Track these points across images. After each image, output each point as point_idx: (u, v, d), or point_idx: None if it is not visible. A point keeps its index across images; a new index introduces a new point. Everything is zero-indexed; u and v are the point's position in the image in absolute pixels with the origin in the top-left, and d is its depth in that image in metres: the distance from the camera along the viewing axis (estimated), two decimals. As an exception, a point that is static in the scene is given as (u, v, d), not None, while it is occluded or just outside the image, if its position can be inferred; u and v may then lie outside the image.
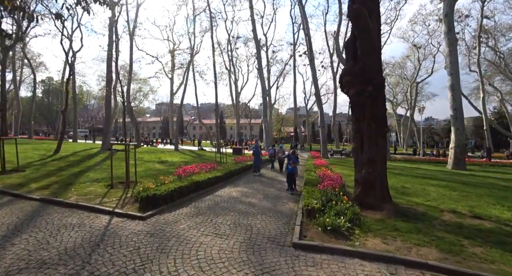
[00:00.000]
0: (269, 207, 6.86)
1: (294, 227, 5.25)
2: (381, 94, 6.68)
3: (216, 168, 11.05)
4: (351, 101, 6.95)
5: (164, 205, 6.31)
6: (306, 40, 28.40)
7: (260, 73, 29.20)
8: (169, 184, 7.19)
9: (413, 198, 8.46)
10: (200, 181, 8.18)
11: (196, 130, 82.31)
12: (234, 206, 6.82)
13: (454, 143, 19.65)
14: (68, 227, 4.94)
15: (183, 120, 77.39)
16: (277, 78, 49.46)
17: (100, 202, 6.51)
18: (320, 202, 6.11)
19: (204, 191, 8.24)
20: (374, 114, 6.63)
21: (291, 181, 8.89)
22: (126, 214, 5.61)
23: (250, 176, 12.46)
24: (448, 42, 19.89)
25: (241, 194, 8.31)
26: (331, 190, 7.27)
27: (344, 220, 5.26)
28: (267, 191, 8.96)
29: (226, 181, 10.27)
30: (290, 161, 8.88)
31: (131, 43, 31.16)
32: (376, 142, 6.81)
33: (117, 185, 8.54)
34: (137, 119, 72.01)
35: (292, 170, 8.88)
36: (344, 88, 6.73)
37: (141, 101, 61.77)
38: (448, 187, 10.70)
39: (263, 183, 10.58)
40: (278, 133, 59.90)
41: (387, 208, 6.76)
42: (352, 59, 6.74)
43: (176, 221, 5.44)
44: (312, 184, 8.24)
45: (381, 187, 7.10)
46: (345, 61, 6.89)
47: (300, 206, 6.77)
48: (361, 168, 7.05)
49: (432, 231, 5.29)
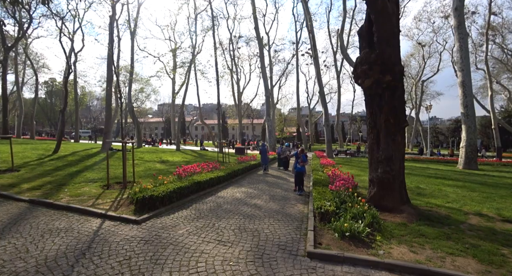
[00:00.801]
0: (277, 209, 6.28)
1: (306, 232, 4.67)
2: (400, 85, 6.07)
3: (218, 168, 10.49)
4: (366, 93, 6.34)
5: (162, 207, 5.75)
6: (309, 37, 27.79)
7: (263, 72, 28.64)
8: (167, 185, 6.63)
9: (431, 199, 7.83)
10: (201, 181, 7.62)
11: (198, 131, 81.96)
12: (238, 208, 6.24)
13: (465, 142, 18.92)
14: (53, 232, 4.39)
15: (185, 120, 77.12)
16: (279, 77, 48.91)
17: (93, 204, 5.96)
18: (333, 204, 5.52)
19: (205, 192, 7.67)
20: (392, 107, 6.03)
21: (299, 181, 8.30)
22: (120, 218, 5.06)
23: (254, 176, 11.89)
24: (459, 37, 19.16)
25: (245, 195, 7.74)
26: (344, 190, 6.68)
27: (364, 225, 4.66)
28: (273, 191, 8.38)
29: (229, 181, 9.71)
30: (298, 160, 8.29)
31: (132, 42, 30.79)
32: (394, 138, 6.21)
33: (113, 186, 8.01)
34: (140, 120, 71.91)
35: (301, 169, 8.29)
36: (359, 78, 6.13)
37: (143, 101, 61.56)
38: (466, 187, 10.04)
39: (268, 183, 10.01)
40: (280, 133, 59.39)
41: (407, 211, 6.16)
42: (368, 46, 6.14)
43: (175, 226, 4.87)
44: (322, 184, 7.65)
45: (400, 188, 6.49)
46: (360, 50, 6.29)
47: (310, 208, 6.19)
48: (377, 167, 6.44)
49: (463, 237, 4.68)
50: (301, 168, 8.28)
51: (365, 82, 6.02)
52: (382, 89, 5.99)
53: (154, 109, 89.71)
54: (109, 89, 23.28)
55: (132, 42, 30.92)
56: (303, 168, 8.36)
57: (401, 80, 6.08)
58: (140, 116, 70.43)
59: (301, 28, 43.38)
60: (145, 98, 61.65)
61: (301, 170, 8.29)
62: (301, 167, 8.28)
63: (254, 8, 28.23)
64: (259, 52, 30.80)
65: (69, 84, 43.00)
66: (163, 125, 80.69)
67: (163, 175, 8.80)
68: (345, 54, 26.81)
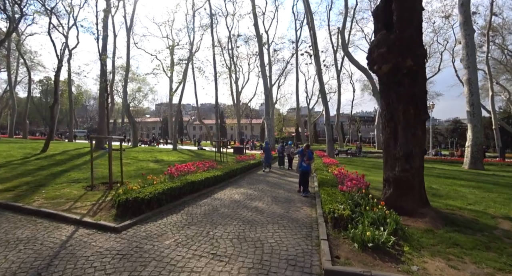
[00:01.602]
0: (281, 213, 5.50)
1: (319, 242, 3.89)
2: (422, 71, 5.33)
3: (215, 167, 9.70)
4: (383, 81, 5.59)
5: (148, 211, 4.96)
6: (310, 34, 27.09)
7: (262, 70, 27.92)
8: (156, 185, 5.84)
9: (449, 201, 7.10)
10: (195, 181, 6.83)
11: (197, 130, 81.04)
12: (237, 212, 5.46)
13: (471, 141, 18.23)
14: (10, 244, 3.60)
15: (183, 120, 76.15)
16: (278, 77, 48.25)
17: (69, 207, 5.16)
18: (347, 208, 4.76)
19: (200, 194, 6.88)
20: (412, 96, 5.28)
21: (304, 181, 7.53)
22: (96, 224, 4.27)
23: (254, 175, 11.11)
24: (465, 33, 18.52)
25: (245, 196, 6.95)
26: (356, 191, 5.92)
27: (387, 233, 3.91)
28: (275, 193, 7.60)
29: (227, 182, 8.92)
30: (304, 157, 7.51)
31: (128, 39, 29.96)
32: (414, 132, 5.46)
33: (98, 187, 7.21)
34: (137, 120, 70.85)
35: (307, 168, 7.52)
36: (375, 63, 5.38)
37: (140, 101, 60.66)
38: (481, 188, 9.32)
39: (269, 183, 9.23)
40: (279, 133, 58.73)
41: (429, 214, 5.41)
42: (385, 28, 5.39)
43: (161, 234, 4.09)
44: (330, 185, 6.88)
45: (419, 188, 5.75)
46: (375, 33, 5.54)
47: (319, 211, 5.42)
48: (394, 165, 5.69)
49: (505, 246, 3.93)
50: (307, 167, 7.51)
51: (382, 68, 5.26)
52: (402, 76, 5.24)
53: (152, 109, 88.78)
54: (103, 86, 22.47)
55: (128, 38, 30.10)
56: (308, 167, 7.59)
57: (423, 65, 5.34)
58: (137, 116, 69.46)
59: (301, 26, 42.79)
60: (143, 97, 60.87)
61: (307, 169, 7.53)
62: (307, 166, 7.52)
63: (253, 4, 27.53)
64: (258, 50, 30.09)
65: (63, 82, 42.09)
66: (160, 125, 79.64)
67: (155, 175, 8.02)
68: (347, 52, 26.15)
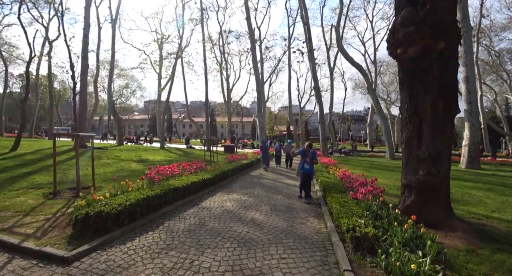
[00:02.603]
0: (284, 228, 4.49)
1: (342, 275, 2.91)
2: (454, 56, 4.42)
3: (204, 168, 8.61)
4: (406, 68, 4.65)
5: (116, 229, 3.86)
6: (305, 29, 26.19)
7: (255, 65, 26.83)
8: (130, 194, 4.72)
9: (469, 207, 6.28)
10: (179, 187, 5.73)
11: (186, 128, 79.28)
12: (230, 227, 4.41)
13: (468, 140, 17.76)
14: None
15: (172, 117, 74.23)
16: (270, 74, 47.28)
17: (12, 225, 4.00)
18: (370, 223, 3.81)
19: (185, 201, 5.80)
20: (442, 86, 4.37)
21: (306, 185, 6.55)
22: (39, 252, 3.14)
23: (247, 177, 10.08)
24: (463, 30, 17.96)
25: (238, 204, 5.91)
26: (373, 200, 4.99)
27: (430, 259, 2.97)
28: (273, 199, 6.59)
29: (217, 185, 7.85)
30: (306, 158, 6.53)
31: (113, 31, 28.32)
32: (443, 130, 4.56)
33: (63, 193, 6.02)
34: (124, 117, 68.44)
35: (310, 171, 6.54)
36: (399, 46, 4.43)
37: (128, 97, 58.49)
38: (493, 190, 8.60)
39: (265, 187, 8.21)
40: (270, 131, 57.96)
41: (459, 227, 4.54)
42: (410, 3, 4.45)
43: (128, 267, 3.00)
44: (338, 190, 5.92)
45: (446, 196, 4.88)
46: (396, 11, 4.60)
47: (330, 225, 4.45)
48: (417, 167, 4.78)
49: None
50: (310, 170, 6.53)
51: (408, 51, 4.31)
52: (431, 61, 4.31)
53: (140, 106, 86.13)
54: (84, 79, 20.92)
55: (113, 31, 28.46)
56: (312, 169, 6.62)
57: (456, 50, 4.43)
58: (125, 113, 67.09)
59: (294, 23, 41.91)
60: (130, 94, 58.72)
61: (310, 172, 6.55)
62: (310, 168, 6.54)
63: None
64: (250, 45, 28.98)
65: (43, 77, 39.80)
66: (149, 122, 77.42)
67: (137, 178, 6.91)
68: (341, 48, 25.42)
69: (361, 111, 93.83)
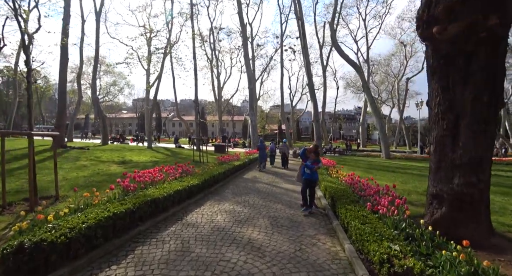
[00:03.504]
0: (291, 253, 3.51)
1: None
2: (506, 35, 3.55)
3: (191, 172, 7.55)
4: (441, 52, 3.74)
5: (65, 264, 2.80)
6: (298, 24, 25.29)
7: (246, 61, 25.80)
8: (90, 211, 3.64)
9: (496, 216, 5.47)
10: (159, 198, 4.67)
11: (176, 127, 77.40)
12: (221, 254, 3.40)
13: (467, 140, 17.21)
14: None
15: (161, 115, 72.29)
16: (261, 72, 46.37)
17: None
18: (408, 251, 2.89)
19: (166, 216, 4.75)
20: (488, 75, 3.49)
21: (310, 194, 5.60)
22: None
23: (240, 181, 9.09)
24: None
25: (231, 217, 4.91)
26: (401, 214, 4.08)
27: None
28: (272, 209, 5.62)
29: (206, 192, 6.82)
30: (308, 161, 5.57)
31: (97, 24, 26.70)
32: (486, 129, 3.69)
33: (13, 207, 4.87)
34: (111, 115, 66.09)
35: (314, 177, 5.59)
36: (436, 22, 3.51)
37: (116, 95, 56.41)
38: (508, 194, 7.90)
39: (261, 193, 7.23)
40: (262, 130, 57.10)
41: (506, 248, 3.69)
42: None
43: None
44: (349, 199, 4.98)
45: (487, 209, 4.02)
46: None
47: (348, 247, 3.51)
48: (451, 175, 3.90)
49: None
50: (314, 175, 5.59)
51: (448, 29, 3.40)
52: (476, 43, 3.42)
53: (129, 105, 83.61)
54: (63, 74, 19.43)
55: (98, 23, 26.84)
56: (316, 174, 5.67)
57: (508, 30, 3.54)
58: (112, 111, 64.79)
59: (286, 20, 40.83)
60: (118, 91, 56.63)
61: (314, 178, 5.61)
62: (313, 174, 5.59)
63: (237, -11, 25.25)
64: (242, 40, 27.94)
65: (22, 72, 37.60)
66: (137, 121, 75.18)
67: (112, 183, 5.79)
68: (336, 44, 24.63)
69: (351, 110, 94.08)
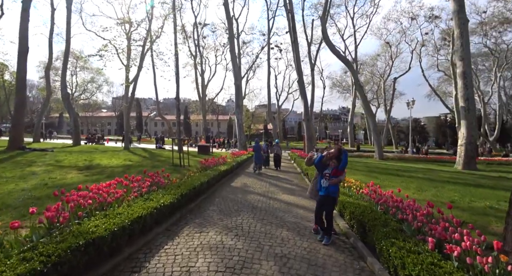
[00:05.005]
0: None
1: None
2: None
3: (163, 184, 5.76)
4: None
5: None
6: (288, 17, 23.83)
7: (233, 56, 24.08)
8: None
9: None
10: (104, 236, 2.92)
11: (158, 127, 74.13)
12: None
13: (465, 139, 16.42)
14: None
15: (143, 115, 68.98)
16: (247, 70, 44.83)
17: None
18: None
19: (115, 264, 2.99)
20: None
21: (328, 216, 4.04)
22: None
23: (227, 191, 7.39)
24: (459, 23, 16.55)
25: (219, 262, 3.18)
26: (473, 253, 2.57)
27: None
28: (276, 240, 3.94)
29: (184, 211, 5.10)
30: (326, 170, 4.01)
31: (68, 12, 24.14)
32: None
33: None
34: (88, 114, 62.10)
35: (333, 192, 4.02)
36: None
37: (93, 93, 52.84)
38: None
39: (256, 210, 5.56)
40: (247, 129, 55.56)
41: None
42: None
43: None
44: (390, 228, 3.44)
45: None
46: None
47: None
48: None
49: None
50: (333, 189, 4.02)
51: None
52: None
53: (108, 103, 79.25)
54: (21, 63, 16.92)
55: (69, 12, 24.35)
56: (335, 189, 4.10)
57: None
58: (89, 110, 60.87)
59: (274, 16, 39.39)
60: (96, 89, 53.12)
61: (333, 194, 4.04)
62: (334, 188, 4.02)
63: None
64: (228, 33, 26.17)
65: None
66: (116, 120, 71.41)
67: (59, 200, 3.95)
68: (327, 39, 23.31)
69: (336, 110, 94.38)
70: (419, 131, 64.45)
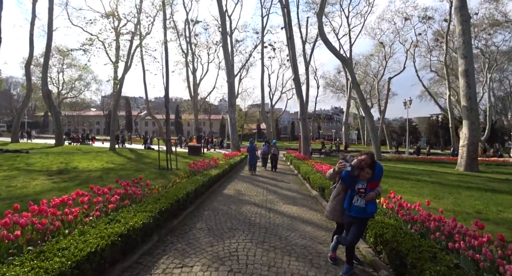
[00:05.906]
0: None
1: None
2: None
3: (140, 196, 4.65)
4: None
5: None
6: (284, 13, 22.88)
7: (225, 52, 22.97)
8: None
9: None
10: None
11: (149, 126, 72.19)
12: None
13: (467, 140, 15.79)
14: None
15: (132, 114, 67.04)
16: (240, 69, 43.68)
17: None
18: None
19: None
20: None
21: (351, 240, 3.05)
22: None
23: (220, 202, 6.33)
24: (461, 19, 15.90)
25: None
26: None
27: None
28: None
29: (164, 232, 4.05)
30: (358, 184, 3.03)
31: (50, 3, 22.62)
32: None
33: None
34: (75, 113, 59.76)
35: (369, 213, 3.02)
36: None
37: (81, 91, 50.73)
38: None
39: (254, 228, 4.53)
40: (240, 129, 54.52)
41: None
42: None
43: None
44: (443, 263, 2.49)
45: None
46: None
47: None
48: None
49: None
50: (370, 210, 3.00)
51: None
52: None
53: (97, 102, 76.76)
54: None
55: (51, 3, 22.83)
56: (374, 208, 3.06)
57: None
58: (77, 109, 58.56)
59: (268, 13, 38.40)
60: (84, 87, 51.05)
61: (368, 215, 3.04)
62: (371, 207, 2.99)
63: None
64: (221, 29, 25.04)
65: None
66: (105, 119, 69.21)
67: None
68: (323, 36, 22.47)
69: (329, 110, 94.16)
70: (411, 131, 64.74)
